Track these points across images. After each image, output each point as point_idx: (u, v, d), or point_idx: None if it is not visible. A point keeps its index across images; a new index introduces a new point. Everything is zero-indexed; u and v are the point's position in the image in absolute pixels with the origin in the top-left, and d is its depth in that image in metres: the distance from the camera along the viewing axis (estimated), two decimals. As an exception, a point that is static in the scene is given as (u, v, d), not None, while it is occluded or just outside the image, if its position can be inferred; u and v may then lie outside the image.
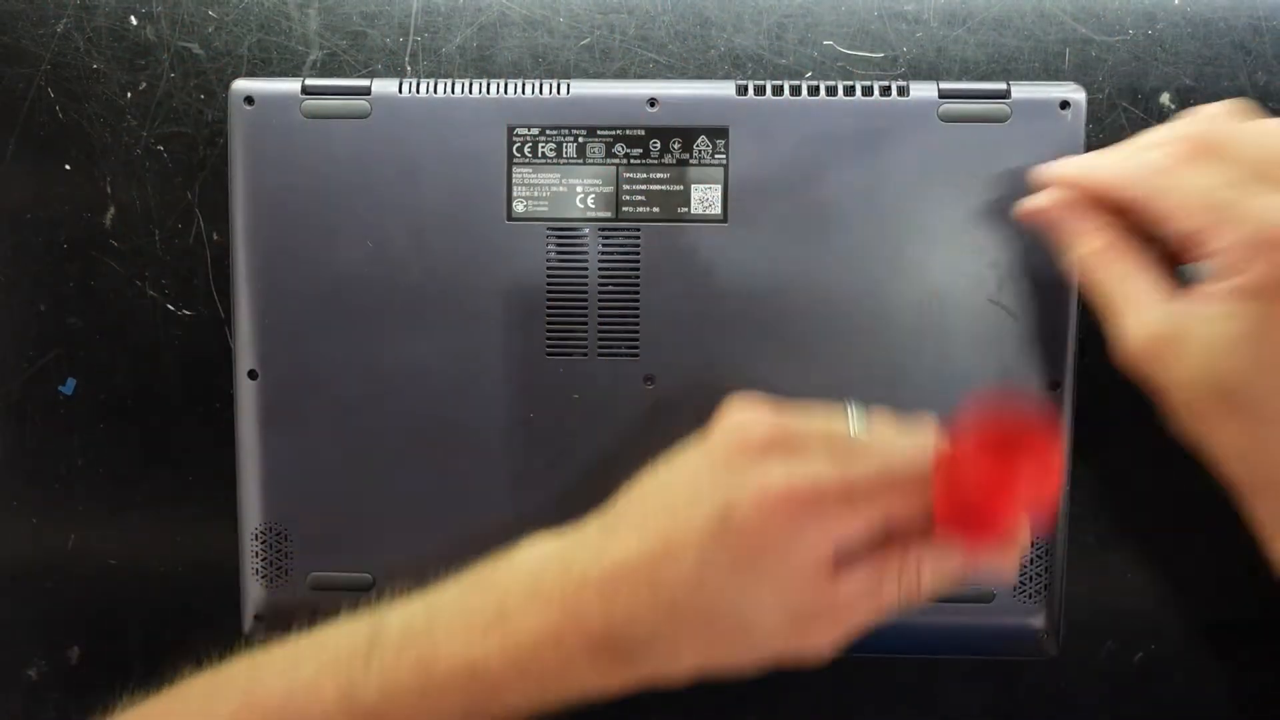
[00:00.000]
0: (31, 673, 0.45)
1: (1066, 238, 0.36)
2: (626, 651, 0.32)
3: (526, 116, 0.39)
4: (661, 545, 0.31)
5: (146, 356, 0.44)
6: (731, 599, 0.31)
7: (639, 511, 0.33)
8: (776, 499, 0.30)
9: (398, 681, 0.32)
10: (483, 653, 0.32)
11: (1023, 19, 0.43)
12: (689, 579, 0.31)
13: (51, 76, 0.43)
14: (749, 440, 0.32)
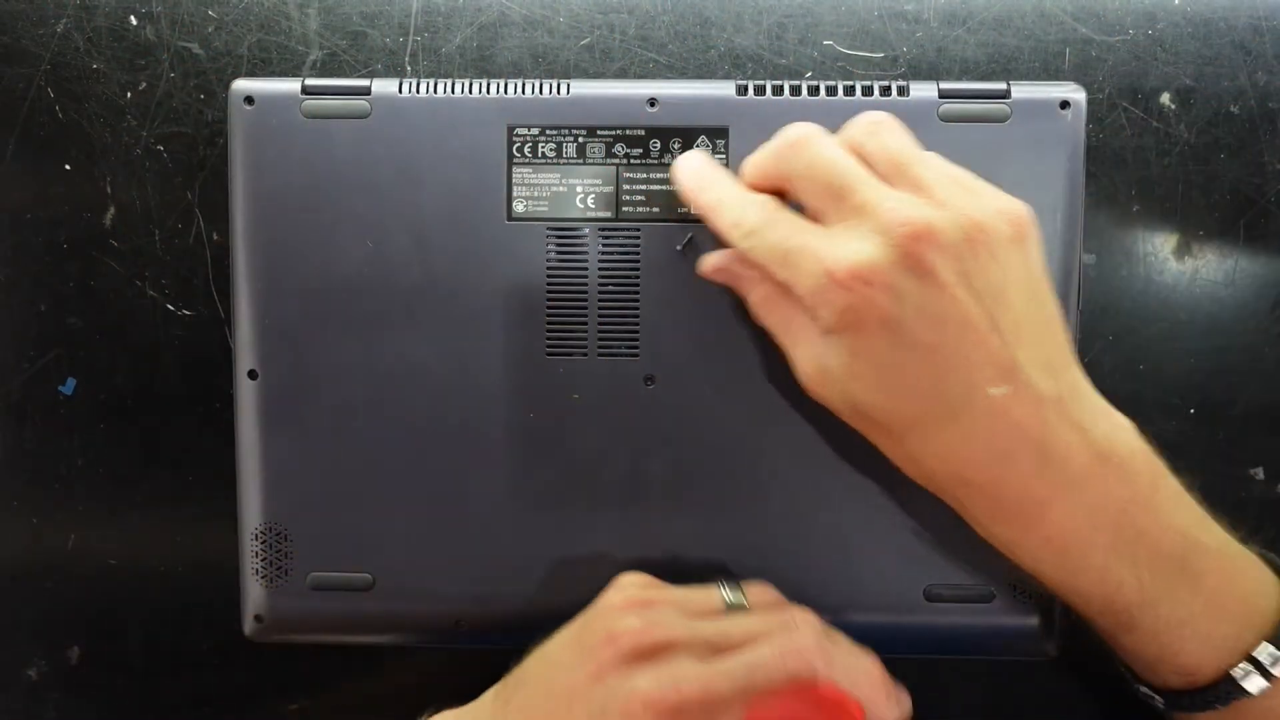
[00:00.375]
0: (31, 673, 0.45)
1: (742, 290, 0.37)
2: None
3: (526, 116, 0.39)
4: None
5: (146, 356, 0.44)
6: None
7: (527, 705, 0.34)
8: (641, 709, 0.31)
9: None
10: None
11: (1023, 19, 0.43)
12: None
13: (51, 76, 0.43)
14: (619, 644, 0.33)
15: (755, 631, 0.34)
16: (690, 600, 0.35)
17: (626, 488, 0.39)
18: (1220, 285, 0.43)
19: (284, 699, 0.45)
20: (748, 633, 0.34)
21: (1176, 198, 0.43)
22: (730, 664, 0.32)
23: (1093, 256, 0.43)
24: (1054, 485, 0.32)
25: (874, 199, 0.32)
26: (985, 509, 0.34)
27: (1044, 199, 0.39)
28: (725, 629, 0.34)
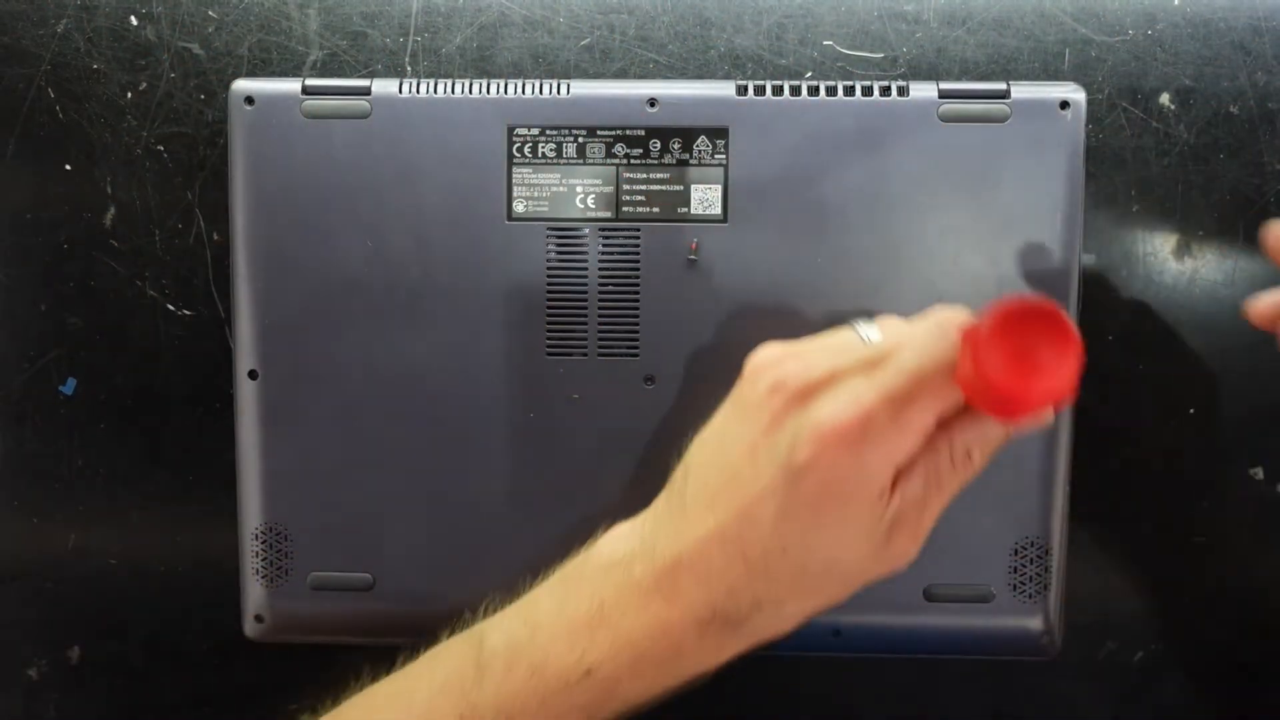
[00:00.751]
0: (31, 673, 0.45)
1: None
2: (734, 623, 0.32)
3: (526, 116, 0.39)
4: (737, 515, 0.32)
5: (146, 356, 0.44)
6: (817, 545, 0.31)
7: (703, 486, 0.33)
8: (832, 437, 0.30)
9: (513, 695, 0.33)
10: (595, 655, 0.32)
11: (1023, 19, 0.43)
12: (774, 540, 0.31)
13: (52, 77, 0.43)
14: (786, 389, 0.32)
15: (906, 334, 0.32)
16: (832, 342, 0.34)
17: (626, 488, 0.39)
18: (1220, 285, 0.43)
19: (284, 699, 0.45)
20: (898, 340, 0.32)
21: (1176, 198, 0.43)
22: (894, 362, 0.31)
23: (1093, 256, 0.43)
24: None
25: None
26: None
27: (1044, 199, 0.39)
28: (879, 346, 0.32)
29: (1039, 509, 0.39)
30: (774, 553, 0.31)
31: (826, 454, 0.30)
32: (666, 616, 0.32)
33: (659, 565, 0.33)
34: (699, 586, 0.32)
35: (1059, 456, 0.40)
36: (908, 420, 0.31)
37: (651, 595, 0.32)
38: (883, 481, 0.31)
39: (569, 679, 0.33)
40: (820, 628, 0.40)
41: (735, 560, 0.32)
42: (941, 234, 0.39)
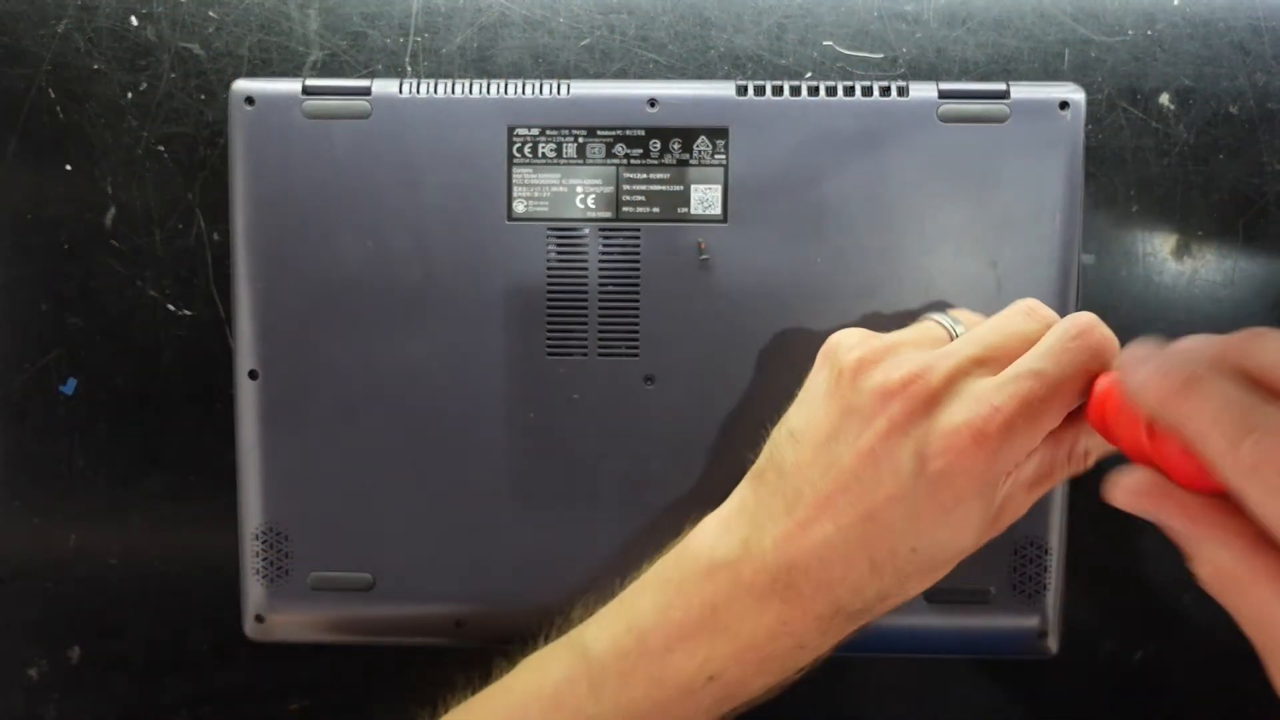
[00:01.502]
0: (32, 673, 0.45)
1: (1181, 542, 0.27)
2: (858, 615, 0.33)
3: (526, 116, 0.39)
4: (861, 520, 0.31)
5: (146, 356, 0.44)
6: (947, 540, 0.31)
7: (810, 489, 0.32)
8: (969, 444, 0.30)
9: (634, 706, 0.32)
10: (718, 661, 0.32)
11: (1022, 19, 0.43)
12: (903, 541, 0.31)
13: (52, 77, 0.43)
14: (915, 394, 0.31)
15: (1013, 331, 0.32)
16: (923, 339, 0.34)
17: (626, 488, 0.39)
18: (1220, 285, 0.43)
19: (284, 699, 0.45)
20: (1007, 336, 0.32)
21: (1176, 198, 0.43)
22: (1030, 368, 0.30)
23: (1092, 257, 0.43)
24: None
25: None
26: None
27: (1043, 199, 0.39)
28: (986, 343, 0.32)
29: (1039, 509, 0.39)
30: (903, 553, 0.31)
31: (963, 460, 0.30)
32: (787, 617, 0.32)
33: (772, 569, 0.32)
34: (820, 589, 0.32)
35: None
36: (1041, 426, 0.30)
37: (768, 598, 0.32)
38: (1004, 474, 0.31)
39: (692, 686, 0.32)
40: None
41: (859, 562, 0.31)
42: (941, 234, 0.39)
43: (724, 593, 0.32)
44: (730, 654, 0.32)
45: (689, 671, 0.32)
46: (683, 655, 0.32)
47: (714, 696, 0.33)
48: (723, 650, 0.32)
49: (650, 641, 0.33)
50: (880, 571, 0.32)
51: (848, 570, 0.32)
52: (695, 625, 0.32)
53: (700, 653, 0.32)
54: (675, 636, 0.33)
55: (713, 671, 0.32)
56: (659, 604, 0.33)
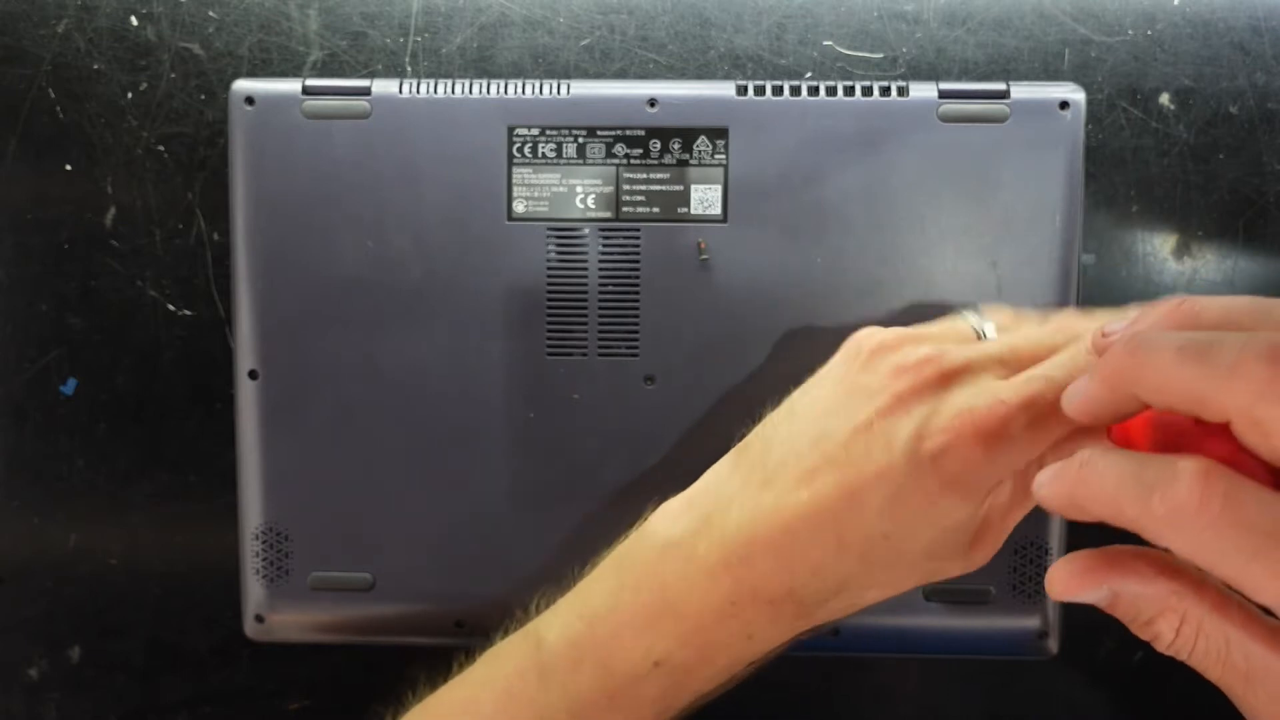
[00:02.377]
0: (32, 672, 0.45)
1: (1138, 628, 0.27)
2: (810, 605, 0.31)
3: (526, 116, 0.39)
4: (841, 494, 0.30)
5: (146, 356, 0.44)
6: (921, 536, 0.30)
7: (795, 460, 0.31)
8: (970, 429, 0.29)
9: (582, 694, 0.32)
10: (663, 645, 0.31)
11: (1022, 19, 0.43)
12: (878, 524, 0.30)
13: (52, 77, 0.43)
14: (916, 373, 0.30)
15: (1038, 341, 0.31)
16: (951, 332, 0.33)
17: (626, 488, 0.39)
18: (1220, 285, 0.43)
19: (284, 699, 0.45)
20: (1034, 344, 0.31)
21: (1176, 198, 0.43)
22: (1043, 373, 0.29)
23: (1092, 256, 0.43)
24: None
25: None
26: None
27: (1043, 199, 0.39)
28: (1011, 345, 0.31)
29: (1038, 509, 0.39)
30: (875, 538, 0.30)
31: (962, 447, 0.29)
32: (737, 597, 0.31)
33: (730, 544, 0.31)
34: (778, 566, 0.30)
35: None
36: (1042, 433, 0.29)
37: (719, 575, 0.31)
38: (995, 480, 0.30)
39: (638, 672, 0.31)
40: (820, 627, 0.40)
41: (828, 540, 0.30)
42: (941, 234, 0.39)
43: (675, 570, 0.32)
44: (677, 637, 0.31)
45: (635, 656, 0.31)
46: (630, 639, 0.32)
47: (660, 685, 0.32)
48: (669, 632, 0.31)
49: (599, 628, 0.32)
50: (846, 553, 0.30)
51: (813, 546, 0.30)
52: (644, 607, 0.32)
53: (647, 636, 0.31)
54: (624, 621, 0.32)
55: (659, 656, 0.31)
56: (611, 588, 0.33)
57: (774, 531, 0.30)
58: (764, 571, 0.31)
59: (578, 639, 0.32)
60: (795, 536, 0.30)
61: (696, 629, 0.31)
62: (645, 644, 0.31)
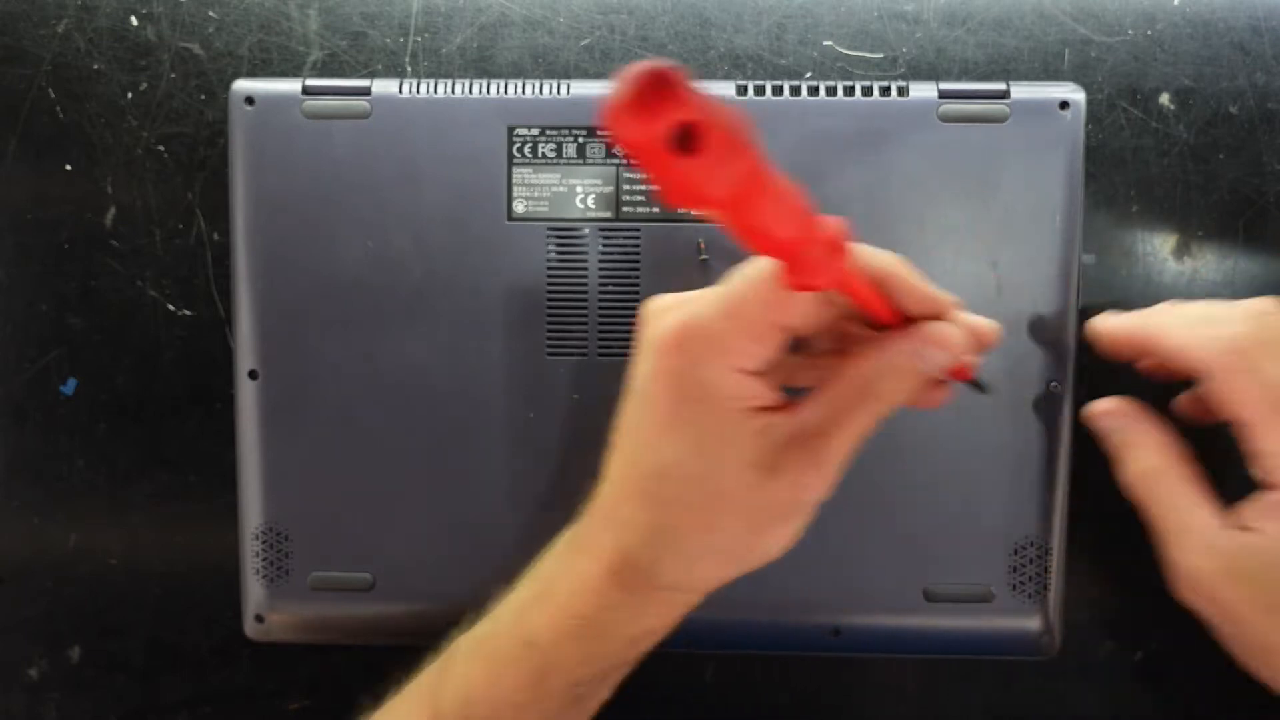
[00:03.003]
0: (32, 672, 0.45)
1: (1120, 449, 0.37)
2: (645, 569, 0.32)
3: (526, 116, 0.39)
4: (623, 447, 0.32)
5: (146, 356, 0.44)
6: (691, 462, 0.31)
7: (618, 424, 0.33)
8: (661, 344, 0.30)
9: (469, 681, 0.34)
10: (534, 624, 0.33)
11: (1022, 19, 0.43)
12: (651, 460, 0.31)
13: (52, 77, 0.43)
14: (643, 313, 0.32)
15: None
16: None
17: None
18: (1219, 285, 0.43)
19: (284, 699, 0.45)
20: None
21: (1176, 198, 0.43)
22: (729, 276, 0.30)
23: (1093, 256, 0.43)
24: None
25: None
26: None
27: (1043, 199, 0.39)
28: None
29: (1039, 509, 0.39)
30: (654, 475, 0.31)
31: (663, 362, 0.30)
32: (587, 570, 0.32)
33: (580, 523, 0.33)
34: (607, 530, 0.32)
35: (1059, 456, 0.40)
36: (744, 325, 0.30)
37: (575, 553, 0.33)
38: (736, 390, 0.30)
39: (514, 653, 0.33)
40: (820, 628, 0.40)
41: (630, 493, 0.32)
42: (941, 234, 0.39)
43: (553, 557, 0.34)
44: (547, 618, 0.33)
45: (513, 637, 0.33)
46: (511, 622, 0.34)
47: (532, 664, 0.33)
48: (540, 614, 0.33)
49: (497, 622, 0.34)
50: (647, 500, 0.31)
51: (622, 504, 0.32)
52: (530, 596, 0.34)
53: (524, 618, 0.33)
54: (514, 609, 0.34)
55: (529, 635, 0.33)
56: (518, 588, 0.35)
57: (600, 501, 0.33)
58: (600, 540, 0.32)
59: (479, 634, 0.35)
60: (610, 499, 0.32)
61: (561, 607, 0.33)
62: (523, 625, 0.33)
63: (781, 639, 0.40)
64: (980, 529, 0.39)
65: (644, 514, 0.32)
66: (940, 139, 0.39)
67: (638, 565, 0.32)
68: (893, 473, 0.39)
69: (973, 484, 0.39)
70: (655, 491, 0.31)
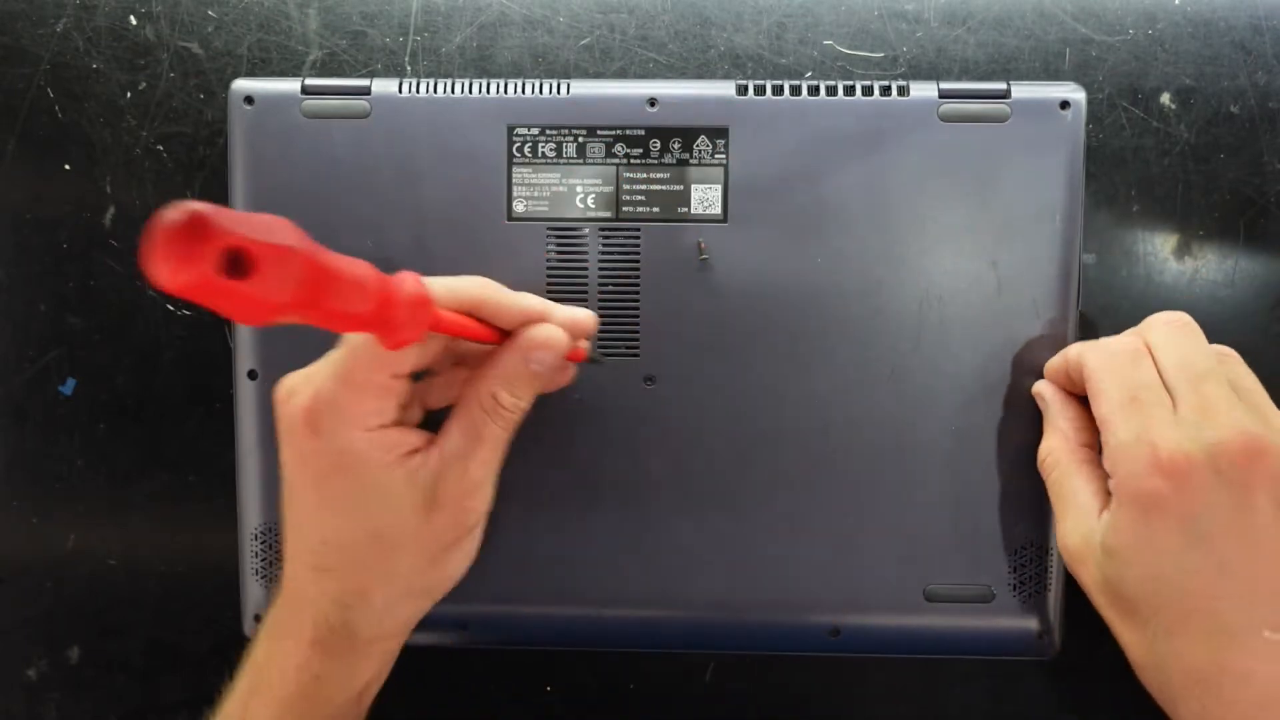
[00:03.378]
0: (31, 673, 0.45)
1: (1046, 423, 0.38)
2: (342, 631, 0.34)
3: (526, 116, 0.39)
4: (288, 527, 0.34)
5: (146, 356, 0.44)
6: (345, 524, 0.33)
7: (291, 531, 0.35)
8: (289, 425, 0.32)
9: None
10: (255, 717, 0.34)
11: (1023, 19, 0.43)
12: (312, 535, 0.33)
13: (51, 76, 0.43)
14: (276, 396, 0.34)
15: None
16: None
17: (626, 488, 0.39)
18: (1220, 285, 0.43)
19: (284, 699, 0.45)
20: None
21: (1176, 198, 0.43)
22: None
23: (1093, 256, 0.43)
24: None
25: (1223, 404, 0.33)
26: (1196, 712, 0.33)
27: (1044, 199, 0.39)
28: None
29: (1039, 509, 0.39)
30: (316, 549, 0.33)
31: (300, 445, 0.32)
32: (291, 651, 0.34)
33: (274, 610, 0.35)
34: (298, 610, 0.34)
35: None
36: (360, 388, 0.32)
37: (278, 639, 0.34)
38: (373, 448, 0.32)
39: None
40: (820, 628, 0.40)
41: (307, 570, 0.33)
42: (941, 234, 0.39)
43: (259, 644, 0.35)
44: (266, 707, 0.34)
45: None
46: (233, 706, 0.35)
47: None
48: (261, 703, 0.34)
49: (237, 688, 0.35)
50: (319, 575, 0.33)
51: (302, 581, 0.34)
52: (245, 686, 0.35)
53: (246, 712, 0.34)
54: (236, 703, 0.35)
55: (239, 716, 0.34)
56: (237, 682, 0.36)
57: (283, 588, 0.34)
58: (293, 619, 0.34)
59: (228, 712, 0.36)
60: (292, 579, 0.34)
61: (273, 692, 0.34)
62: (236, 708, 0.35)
63: (781, 639, 0.40)
64: (980, 529, 0.39)
65: (326, 585, 0.33)
66: (940, 139, 0.39)
67: (335, 631, 0.33)
68: (893, 473, 0.39)
69: (973, 484, 0.39)
70: (329, 563, 0.33)
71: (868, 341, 0.39)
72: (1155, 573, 0.32)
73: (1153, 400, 0.33)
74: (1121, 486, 0.33)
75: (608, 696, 0.44)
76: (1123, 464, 0.33)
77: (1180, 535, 0.32)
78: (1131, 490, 0.33)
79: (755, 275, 0.39)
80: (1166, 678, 0.34)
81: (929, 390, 0.39)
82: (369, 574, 0.33)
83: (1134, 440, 0.33)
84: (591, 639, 0.41)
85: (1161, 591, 0.33)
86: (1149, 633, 0.33)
